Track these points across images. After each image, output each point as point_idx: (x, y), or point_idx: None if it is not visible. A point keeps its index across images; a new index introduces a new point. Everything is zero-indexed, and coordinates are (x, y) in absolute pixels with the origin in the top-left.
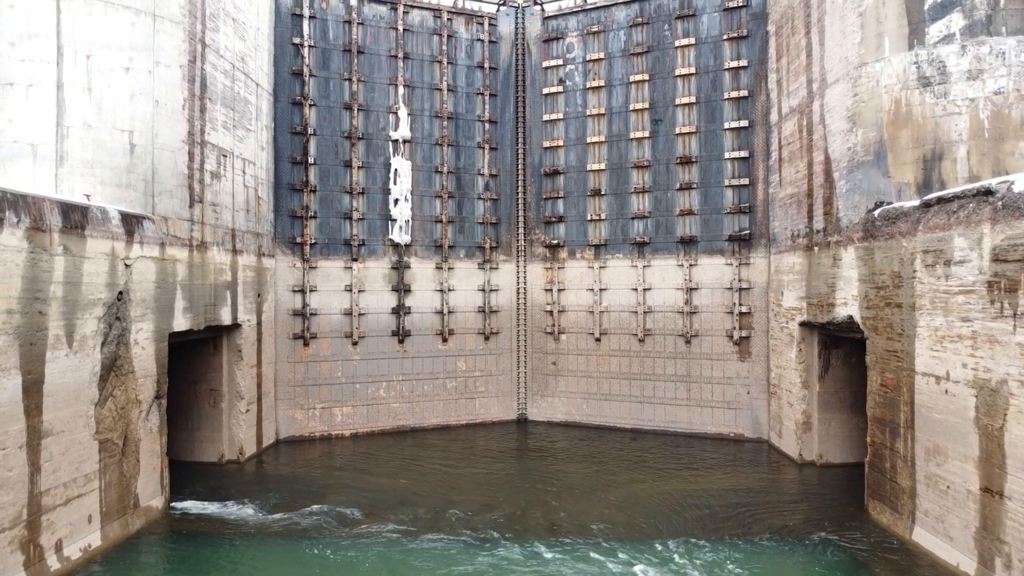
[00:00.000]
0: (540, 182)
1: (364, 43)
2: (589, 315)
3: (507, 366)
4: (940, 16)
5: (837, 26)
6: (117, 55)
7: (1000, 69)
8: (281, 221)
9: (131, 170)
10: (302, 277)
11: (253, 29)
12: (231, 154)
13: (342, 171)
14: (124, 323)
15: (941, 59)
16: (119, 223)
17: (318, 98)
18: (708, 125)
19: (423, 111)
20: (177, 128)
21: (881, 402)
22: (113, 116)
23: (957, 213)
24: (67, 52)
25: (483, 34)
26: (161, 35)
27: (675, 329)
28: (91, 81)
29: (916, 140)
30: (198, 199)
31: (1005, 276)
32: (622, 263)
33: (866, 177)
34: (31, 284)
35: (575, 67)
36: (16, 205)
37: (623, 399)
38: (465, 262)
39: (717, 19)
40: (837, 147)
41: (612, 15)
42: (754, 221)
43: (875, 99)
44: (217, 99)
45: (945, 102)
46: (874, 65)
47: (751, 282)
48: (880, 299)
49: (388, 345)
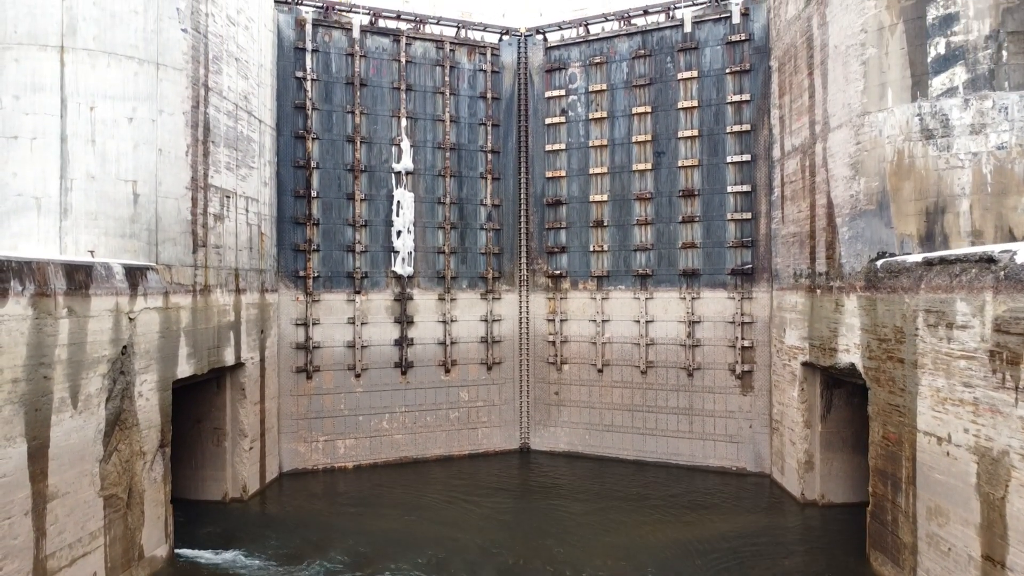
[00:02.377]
0: (542, 212)
1: (367, 75)
2: (592, 346)
3: (510, 395)
4: (943, 69)
5: (840, 71)
6: (120, 106)
7: (1003, 124)
8: (284, 255)
9: (135, 220)
10: (305, 310)
11: (256, 66)
12: (234, 194)
13: (345, 204)
14: (128, 377)
15: (944, 112)
16: (123, 278)
17: (321, 131)
18: (710, 158)
19: (426, 142)
20: (180, 175)
21: (883, 454)
22: (117, 167)
23: (959, 277)
24: (71, 104)
25: (485, 64)
26: (164, 83)
27: (677, 362)
28: (95, 133)
29: (919, 192)
30: (201, 243)
31: (1007, 348)
32: (624, 295)
33: (868, 226)
34: (36, 350)
35: (577, 98)
36: (21, 273)
37: (626, 430)
38: (467, 292)
39: (720, 52)
40: (840, 193)
41: (615, 46)
42: (756, 255)
43: (878, 149)
44: (220, 141)
45: (948, 155)
46: (877, 115)
47: (753, 316)
48: (882, 351)
49: (391, 377)
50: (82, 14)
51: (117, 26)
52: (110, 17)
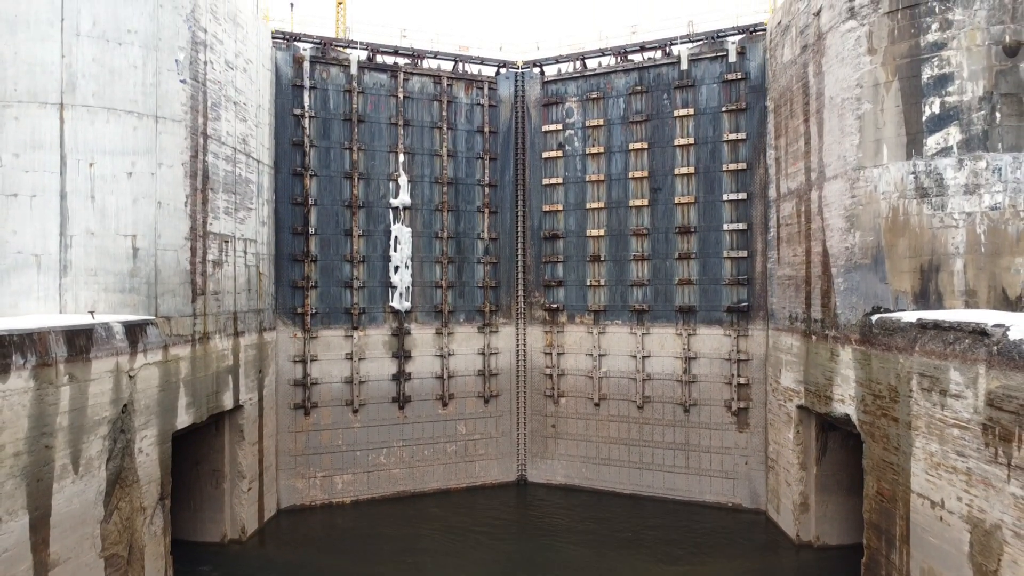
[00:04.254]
0: (540, 245)
1: (365, 111)
2: (588, 380)
3: (507, 428)
4: (938, 129)
5: (835, 123)
6: (120, 160)
7: (996, 185)
8: (282, 292)
9: (134, 274)
10: (303, 347)
11: (254, 107)
12: (232, 238)
13: (343, 240)
14: (128, 434)
15: (939, 171)
16: (123, 337)
17: (319, 168)
18: (707, 195)
19: (423, 177)
20: (179, 226)
21: (878, 508)
22: (116, 222)
23: (953, 345)
24: (70, 161)
25: (483, 98)
26: (164, 136)
27: (674, 397)
28: (94, 189)
29: (913, 250)
30: (200, 292)
31: (1000, 424)
32: (621, 329)
33: (864, 280)
34: (38, 421)
35: (574, 132)
36: (23, 346)
37: (622, 464)
38: (465, 326)
39: (716, 90)
40: (835, 244)
41: (611, 82)
42: (752, 293)
43: (873, 204)
44: (219, 187)
45: (943, 214)
46: (872, 170)
47: (749, 354)
48: (877, 408)
49: (388, 411)
50: (82, 71)
51: (116, 81)
52: (109, 73)
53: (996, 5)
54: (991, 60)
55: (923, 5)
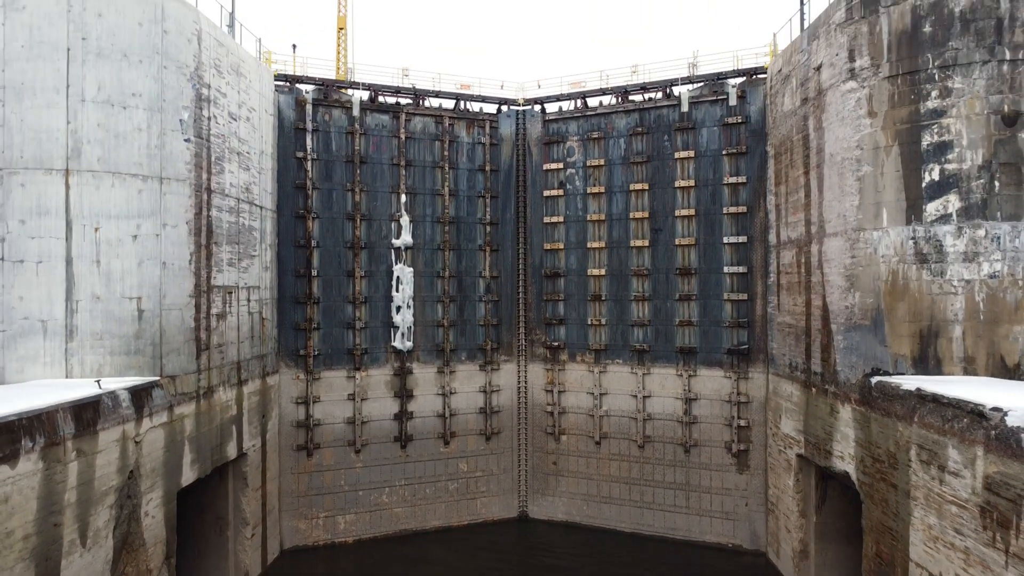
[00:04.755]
0: (541, 283)
1: (367, 152)
2: (589, 418)
3: (508, 464)
4: (937, 195)
5: (835, 180)
6: (125, 224)
7: (995, 253)
8: (284, 334)
9: (139, 336)
10: (305, 389)
11: (257, 154)
12: (236, 288)
13: (345, 281)
14: (135, 499)
15: (938, 238)
16: (129, 404)
17: (321, 210)
18: (707, 237)
19: (425, 217)
20: (184, 284)
21: (876, 570)
22: (121, 285)
23: (952, 422)
24: (76, 226)
25: (484, 137)
26: (168, 196)
27: (674, 438)
28: (100, 253)
29: (913, 314)
30: (204, 347)
31: (998, 509)
32: (622, 369)
33: (863, 341)
34: (46, 501)
35: (575, 171)
36: (31, 428)
37: (623, 503)
38: (466, 364)
39: (716, 133)
40: (835, 300)
41: (612, 122)
42: (753, 336)
43: (873, 266)
44: (222, 240)
45: (942, 281)
46: (872, 233)
47: (750, 396)
48: (876, 471)
49: (390, 451)
50: (87, 136)
51: (121, 145)
52: (114, 137)
53: (995, 75)
54: (990, 129)
55: (923, 72)
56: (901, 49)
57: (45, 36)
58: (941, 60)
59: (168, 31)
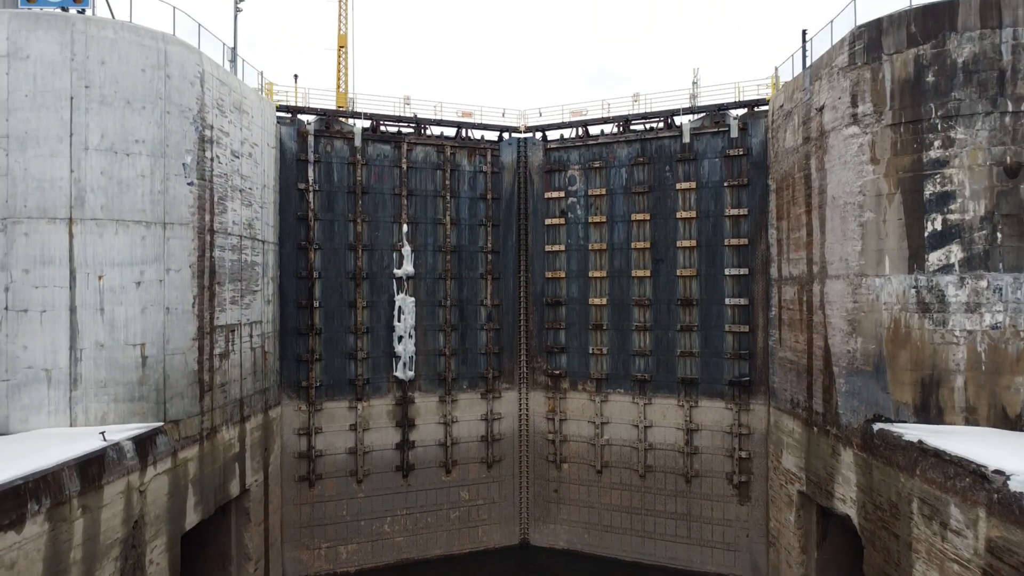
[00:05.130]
0: (542, 311)
1: (368, 183)
2: (591, 447)
3: (509, 492)
4: (940, 245)
5: (838, 223)
6: (128, 271)
7: (997, 304)
8: (287, 365)
9: (143, 382)
10: (307, 420)
11: (259, 188)
12: (238, 325)
13: (347, 311)
14: (139, 548)
15: (940, 288)
16: (133, 454)
17: (323, 241)
18: (709, 269)
19: (426, 246)
20: (187, 328)
21: None
22: (125, 333)
23: (953, 480)
24: (80, 275)
25: (485, 165)
26: (172, 241)
27: (675, 468)
28: (103, 301)
29: (915, 363)
30: (207, 388)
31: (1001, 575)
32: (623, 398)
33: (865, 386)
34: (52, 562)
35: (577, 200)
36: (37, 491)
37: (624, 532)
38: (468, 393)
39: (718, 165)
40: (837, 343)
41: (614, 152)
42: (754, 368)
43: (875, 313)
44: (225, 279)
45: (944, 331)
46: (874, 279)
47: (751, 428)
48: (878, 518)
49: (392, 480)
50: (90, 184)
51: (125, 193)
52: (117, 185)
53: (997, 126)
54: (992, 180)
55: (926, 121)
56: (904, 97)
57: (49, 85)
58: (944, 110)
59: (171, 76)
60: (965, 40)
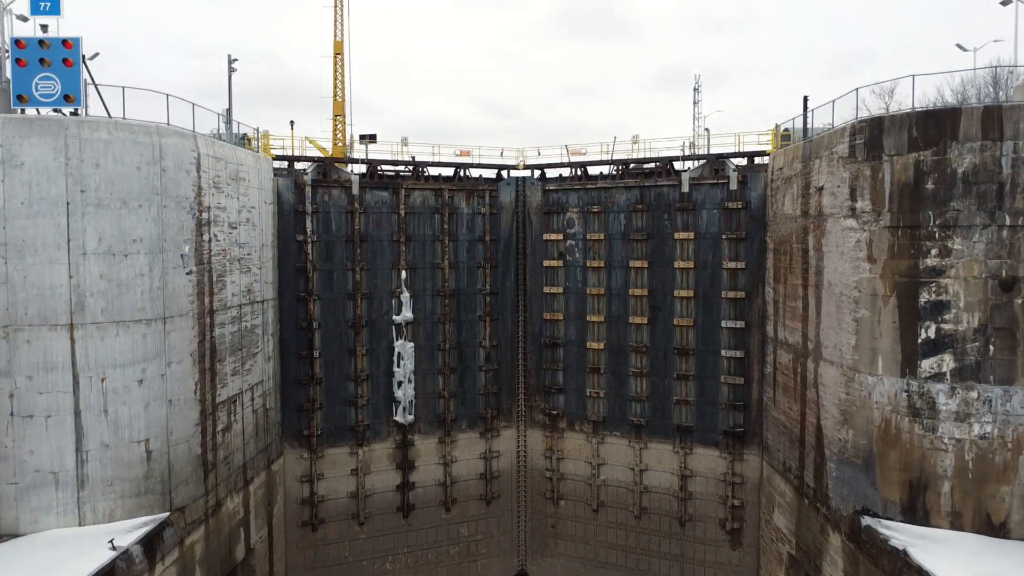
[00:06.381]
0: (540, 351)
1: (367, 230)
2: (587, 486)
3: (508, 526)
4: (933, 353)
5: (833, 310)
6: (131, 370)
7: (987, 415)
8: (288, 415)
9: (148, 476)
10: (310, 467)
11: (258, 249)
12: (240, 393)
13: (346, 359)
14: None
15: (931, 395)
16: (142, 558)
17: (322, 291)
18: (706, 319)
19: (425, 291)
20: (190, 416)
21: None
22: (129, 431)
23: None
24: (83, 379)
25: (484, 207)
26: (172, 334)
27: (670, 510)
28: (107, 403)
29: (904, 464)
30: (211, 467)
31: None
32: (620, 441)
33: (855, 478)
34: None
35: (575, 243)
36: None
37: (619, 569)
38: (467, 433)
39: (716, 216)
40: (830, 427)
41: (613, 197)
42: (748, 419)
43: (867, 410)
44: (226, 354)
45: (933, 437)
46: (867, 377)
47: (744, 477)
48: None
49: (393, 521)
50: (90, 289)
51: (124, 294)
52: (117, 287)
53: (995, 239)
54: (987, 293)
55: (924, 228)
56: (903, 201)
57: (44, 192)
58: (942, 219)
59: (167, 169)
60: (966, 150)
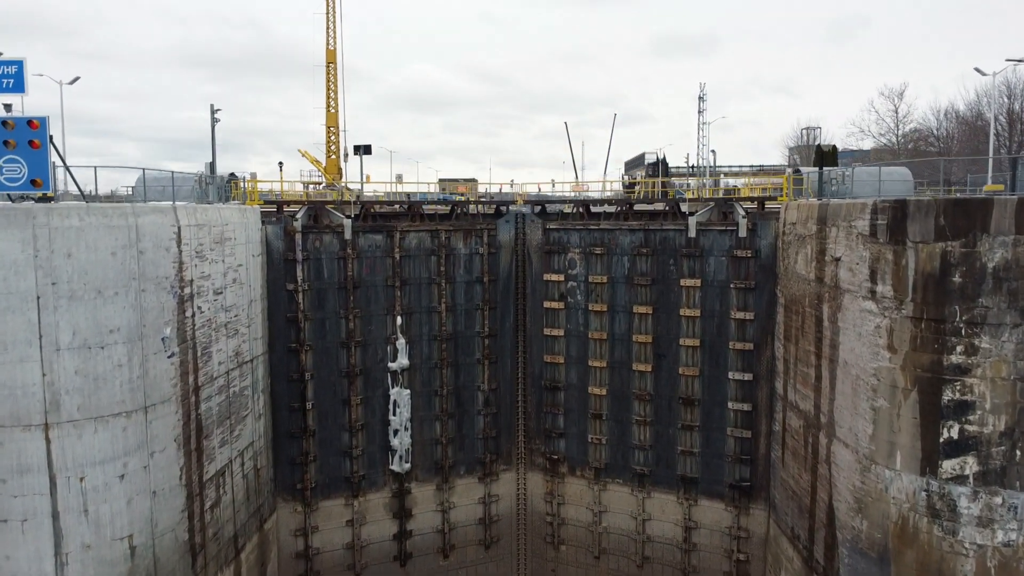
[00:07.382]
0: (541, 394)
1: (360, 276)
2: (589, 532)
3: (508, 570)
4: (955, 455)
5: (849, 391)
6: (111, 466)
7: (1011, 523)
8: (281, 470)
9: (133, 573)
10: (304, 520)
11: (246, 307)
12: (229, 463)
13: (340, 409)
14: None
15: (952, 497)
16: None
17: (314, 340)
18: (712, 370)
19: (422, 336)
20: (176, 503)
21: None
22: (111, 529)
23: None
24: (60, 480)
25: (482, 247)
26: (154, 423)
27: (673, 561)
28: (87, 503)
29: (921, 565)
30: (200, 548)
31: None
32: (622, 489)
33: (869, 572)
34: None
35: (577, 285)
36: None
37: None
38: (465, 478)
39: (724, 264)
40: (843, 512)
41: (616, 239)
42: (755, 473)
43: (883, 503)
44: (213, 427)
45: (953, 540)
46: (884, 470)
47: (750, 531)
48: None
49: (390, 570)
50: (64, 386)
51: (102, 388)
52: (93, 381)
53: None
54: (1015, 396)
55: (949, 323)
56: (928, 292)
57: (13, 287)
58: (970, 315)
59: (144, 250)
60: (997, 244)
